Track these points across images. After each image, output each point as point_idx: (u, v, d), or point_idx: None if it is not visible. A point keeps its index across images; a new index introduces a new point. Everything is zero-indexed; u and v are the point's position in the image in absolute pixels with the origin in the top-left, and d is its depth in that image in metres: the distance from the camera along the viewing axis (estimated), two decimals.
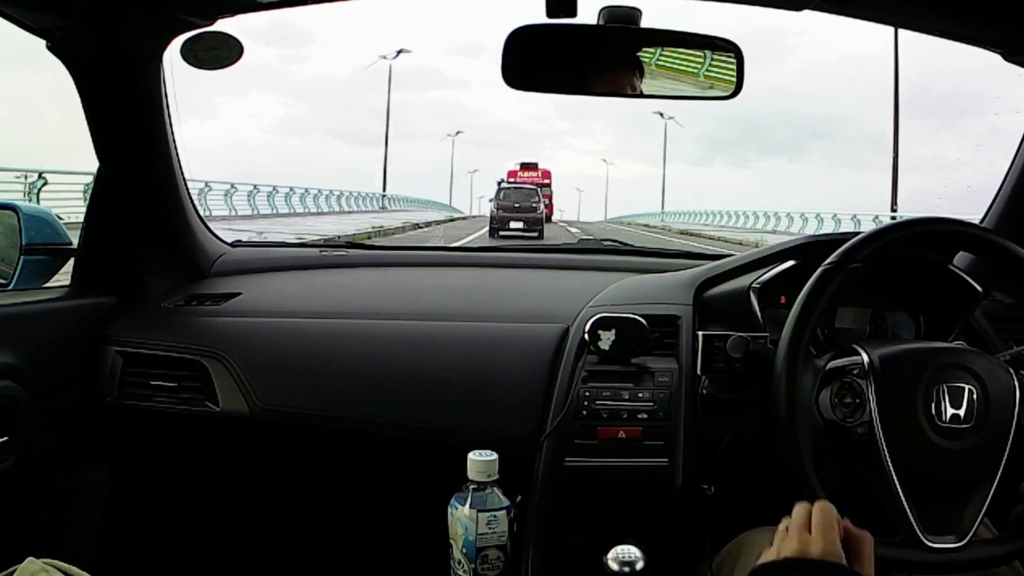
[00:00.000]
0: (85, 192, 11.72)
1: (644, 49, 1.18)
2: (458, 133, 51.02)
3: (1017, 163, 1.41)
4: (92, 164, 1.35)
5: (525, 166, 24.31)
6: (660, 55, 1.17)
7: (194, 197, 1.52)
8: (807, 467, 0.93)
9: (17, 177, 11.57)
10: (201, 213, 1.56)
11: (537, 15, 1.11)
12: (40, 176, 11.71)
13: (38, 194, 11.39)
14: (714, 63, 1.18)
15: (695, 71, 1.18)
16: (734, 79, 1.18)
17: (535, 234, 17.87)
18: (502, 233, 18.13)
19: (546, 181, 23.08)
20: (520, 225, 18.54)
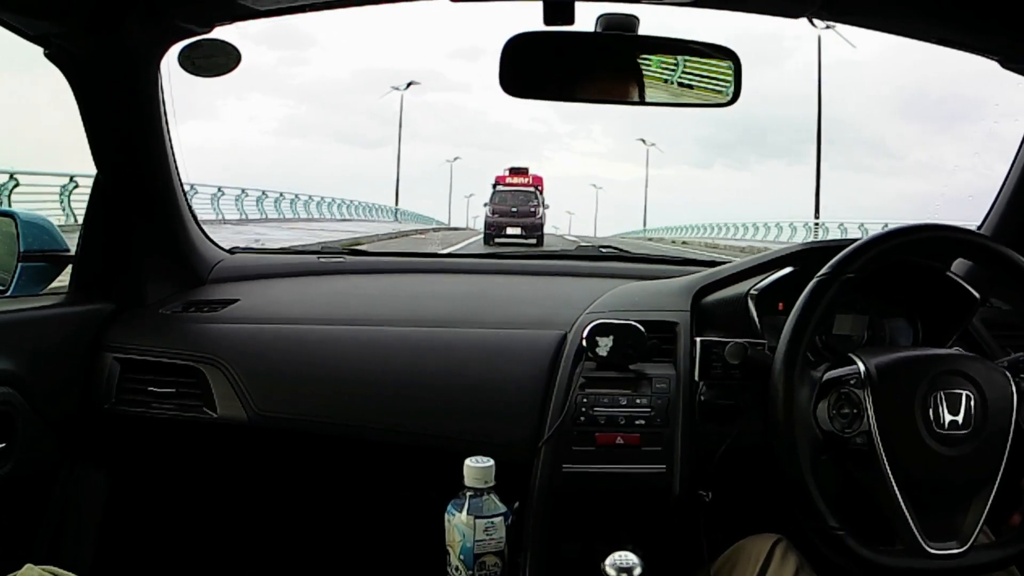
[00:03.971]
0: (61, 195, 11.70)
1: (642, 57, 1.18)
2: (409, 85, 36.41)
3: (1015, 169, 1.41)
4: (66, 166, 1.35)
5: (515, 171, 21.84)
6: (657, 63, 1.18)
7: (221, 201, 1.52)
8: (806, 475, 0.93)
9: None
10: (234, 217, 1.56)
11: (535, 22, 1.12)
12: (11, 177, 11.58)
13: (9, 196, 11.26)
14: (712, 70, 1.18)
15: (692, 79, 1.18)
16: (732, 86, 1.18)
17: (534, 241, 17.20)
18: (498, 240, 17.42)
19: (537, 187, 21.09)
20: (517, 231, 17.86)
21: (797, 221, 22.72)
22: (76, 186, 11.57)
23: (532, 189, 20.11)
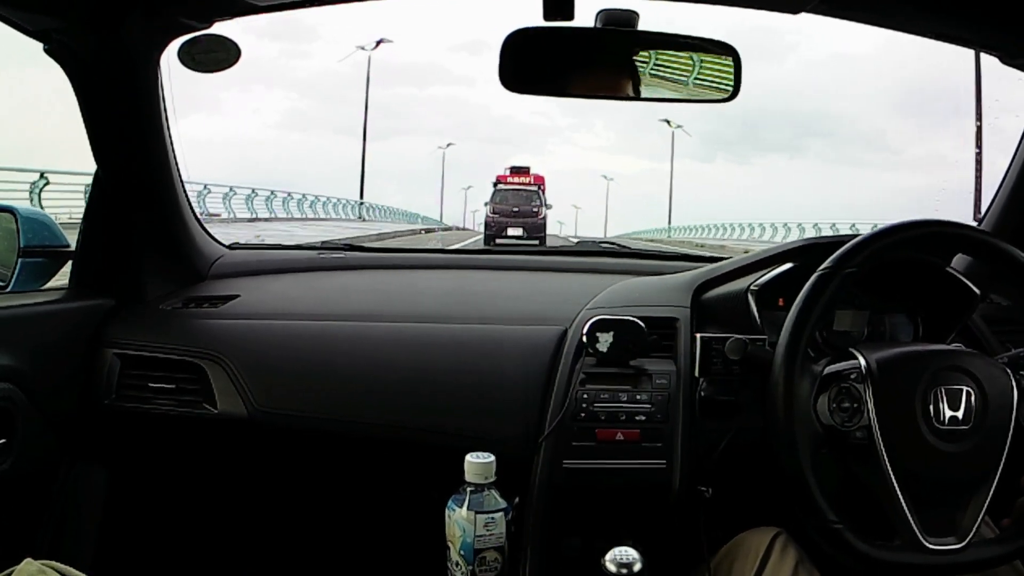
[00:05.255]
0: (31, 192, 11.72)
1: (642, 52, 1.18)
2: (379, 44, 29.13)
3: (1015, 165, 1.41)
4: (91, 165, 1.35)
5: (515, 170, 20.86)
6: (657, 58, 1.18)
7: (251, 201, 1.51)
8: (805, 471, 0.93)
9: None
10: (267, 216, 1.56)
11: (535, 18, 1.11)
12: (42, 176, 11.62)
13: (39, 194, 11.32)
14: (712, 66, 1.18)
15: (692, 75, 1.18)
16: (732, 82, 1.18)
17: (536, 242, 16.51)
18: (499, 241, 16.87)
19: (539, 187, 20.48)
20: (519, 232, 17.44)
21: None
22: (47, 183, 11.57)
23: (534, 188, 19.58)
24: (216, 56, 1.26)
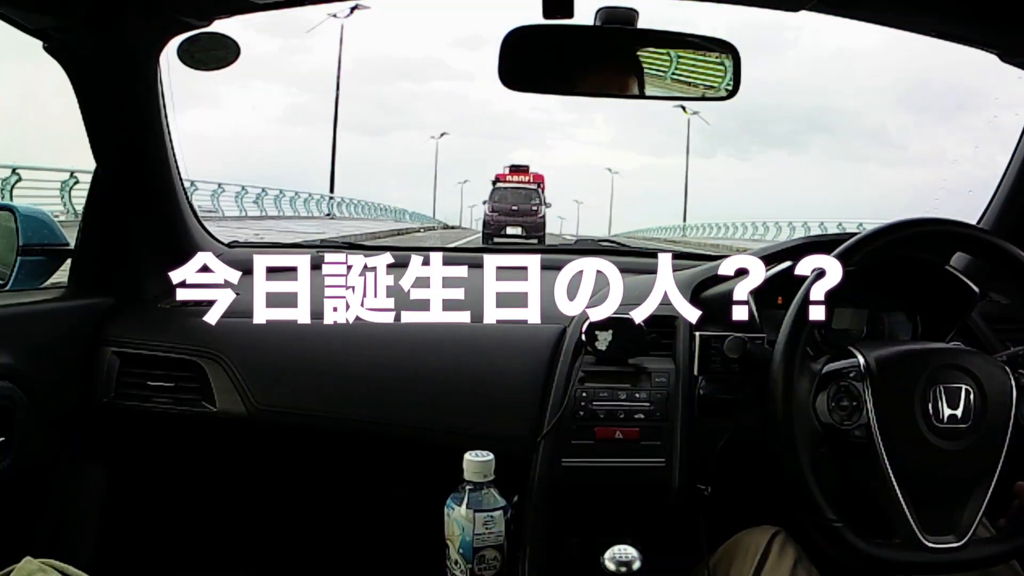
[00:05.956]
0: (61, 190, 11.75)
1: (641, 50, 1.18)
2: (354, 10, 23.08)
3: (1014, 163, 1.41)
4: (67, 161, 1.36)
5: (515, 169, 20.44)
6: (657, 56, 1.17)
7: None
8: (804, 469, 0.93)
9: None
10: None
11: (535, 15, 1.11)
12: (14, 172, 11.57)
13: (11, 191, 11.25)
14: (711, 64, 1.18)
15: (692, 73, 1.18)
16: (731, 80, 1.18)
17: (535, 241, 16.52)
18: (497, 240, 16.94)
19: (539, 185, 20.26)
20: (518, 231, 17.38)
21: None
22: (76, 182, 11.60)
23: (534, 187, 19.49)
24: (216, 54, 1.26)
